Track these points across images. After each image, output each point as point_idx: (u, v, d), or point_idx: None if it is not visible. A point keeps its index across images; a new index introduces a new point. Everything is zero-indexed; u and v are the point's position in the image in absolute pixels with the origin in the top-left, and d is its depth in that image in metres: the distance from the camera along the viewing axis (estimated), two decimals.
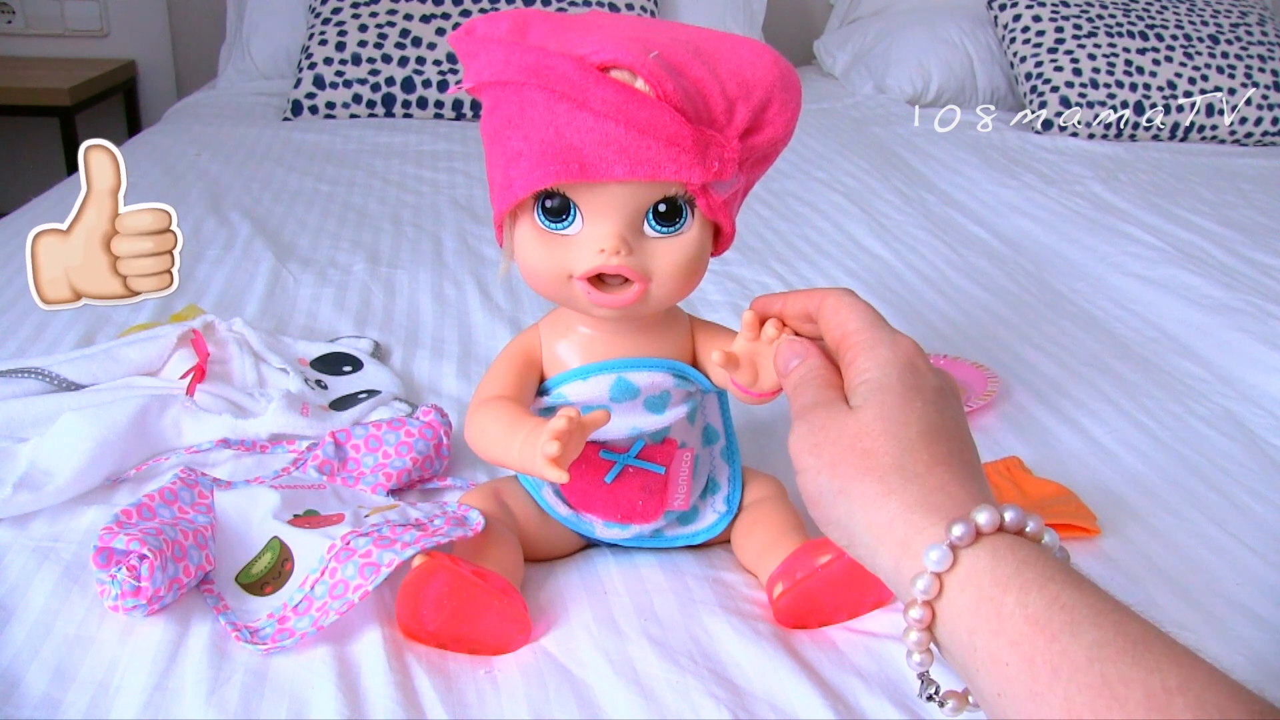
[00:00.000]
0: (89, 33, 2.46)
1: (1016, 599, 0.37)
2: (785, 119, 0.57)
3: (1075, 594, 0.37)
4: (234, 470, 0.73)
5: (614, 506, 0.63)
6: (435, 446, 0.73)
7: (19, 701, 0.52)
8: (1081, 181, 1.66)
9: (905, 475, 0.43)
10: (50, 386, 0.79)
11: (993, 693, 0.37)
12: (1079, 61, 2.00)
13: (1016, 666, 0.36)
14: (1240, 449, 0.84)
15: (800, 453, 0.46)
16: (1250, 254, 1.32)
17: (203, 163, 1.56)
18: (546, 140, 0.53)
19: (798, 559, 0.59)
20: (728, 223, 0.58)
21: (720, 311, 1.06)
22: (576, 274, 0.56)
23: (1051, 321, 1.09)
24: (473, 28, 0.57)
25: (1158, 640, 0.35)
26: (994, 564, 0.39)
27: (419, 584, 0.54)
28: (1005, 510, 0.40)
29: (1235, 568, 0.68)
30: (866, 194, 1.54)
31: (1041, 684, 0.35)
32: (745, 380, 0.58)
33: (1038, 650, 0.36)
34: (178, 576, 0.57)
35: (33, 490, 0.66)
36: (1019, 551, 0.39)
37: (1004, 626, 0.37)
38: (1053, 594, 0.37)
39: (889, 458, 0.43)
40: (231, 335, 0.86)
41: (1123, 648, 0.35)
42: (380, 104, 1.88)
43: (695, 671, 0.55)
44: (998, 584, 0.38)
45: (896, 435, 0.44)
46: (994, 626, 0.37)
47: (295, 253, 1.21)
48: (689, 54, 0.53)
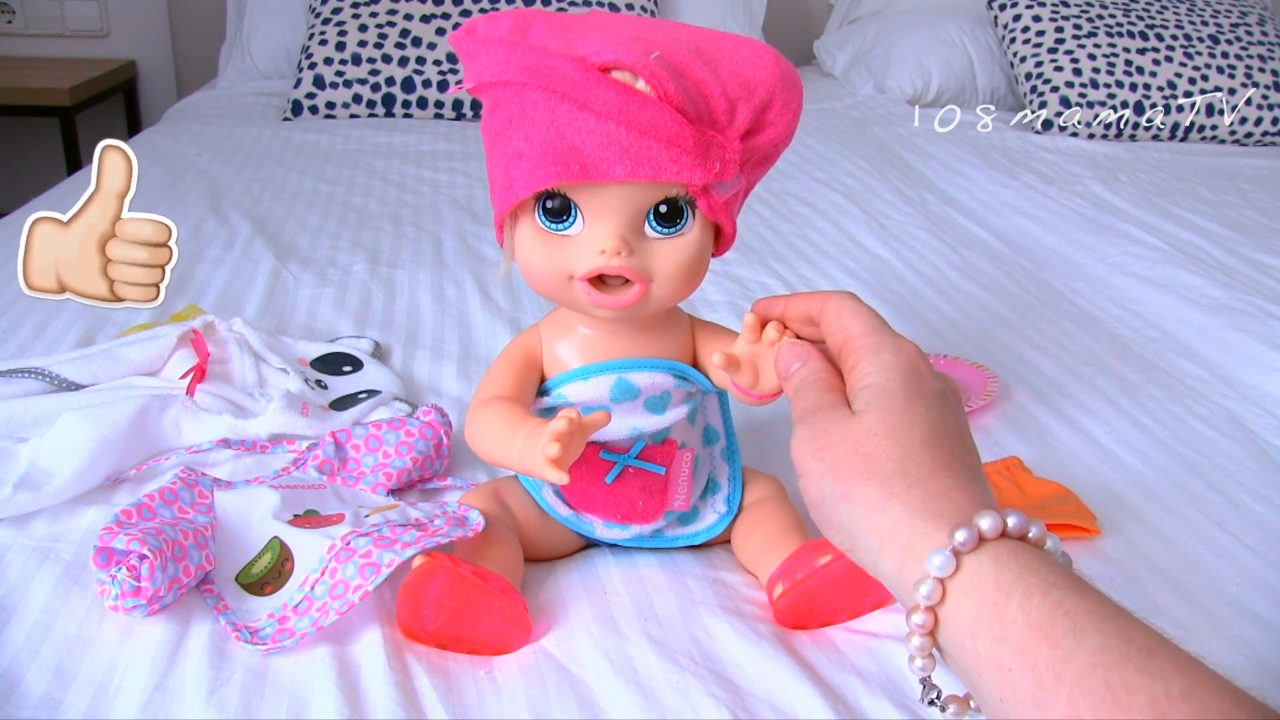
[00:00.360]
0: (89, 33, 2.46)
1: (1019, 604, 0.37)
2: (787, 120, 0.57)
3: (1078, 600, 0.37)
4: (234, 470, 0.73)
5: (614, 507, 0.63)
6: (435, 446, 0.73)
7: (19, 701, 0.52)
8: (1081, 181, 1.66)
9: (908, 480, 0.43)
10: (50, 386, 0.79)
11: (995, 698, 0.37)
12: (1079, 61, 2.00)
13: (1019, 671, 0.36)
14: (1240, 449, 0.84)
15: (802, 456, 0.46)
16: (1250, 254, 1.32)
17: (203, 163, 1.56)
18: (547, 141, 0.53)
19: (798, 559, 0.59)
20: (729, 224, 0.58)
21: (720, 312, 1.06)
22: (577, 275, 0.56)
23: (1051, 321, 1.09)
24: (473, 28, 0.57)
25: (1161, 647, 0.35)
26: (997, 569, 0.39)
27: (419, 584, 0.54)
28: (1008, 516, 0.40)
29: (1235, 568, 0.68)
30: (866, 194, 1.54)
31: (1045, 689, 0.35)
32: (746, 382, 0.58)
33: (1041, 655, 0.36)
34: (178, 576, 0.57)
35: (33, 490, 0.66)
36: (1021, 557, 0.39)
37: (1007, 631, 0.37)
38: (1056, 599, 0.37)
39: (891, 462, 0.43)
40: (231, 335, 0.86)
41: (1126, 654, 0.35)
42: (380, 104, 1.88)
43: (695, 671, 0.55)
44: (1001, 589, 0.38)
45: (899, 440, 0.44)
46: (997, 631, 0.37)
47: (295, 253, 1.21)
48: (690, 54, 0.53)
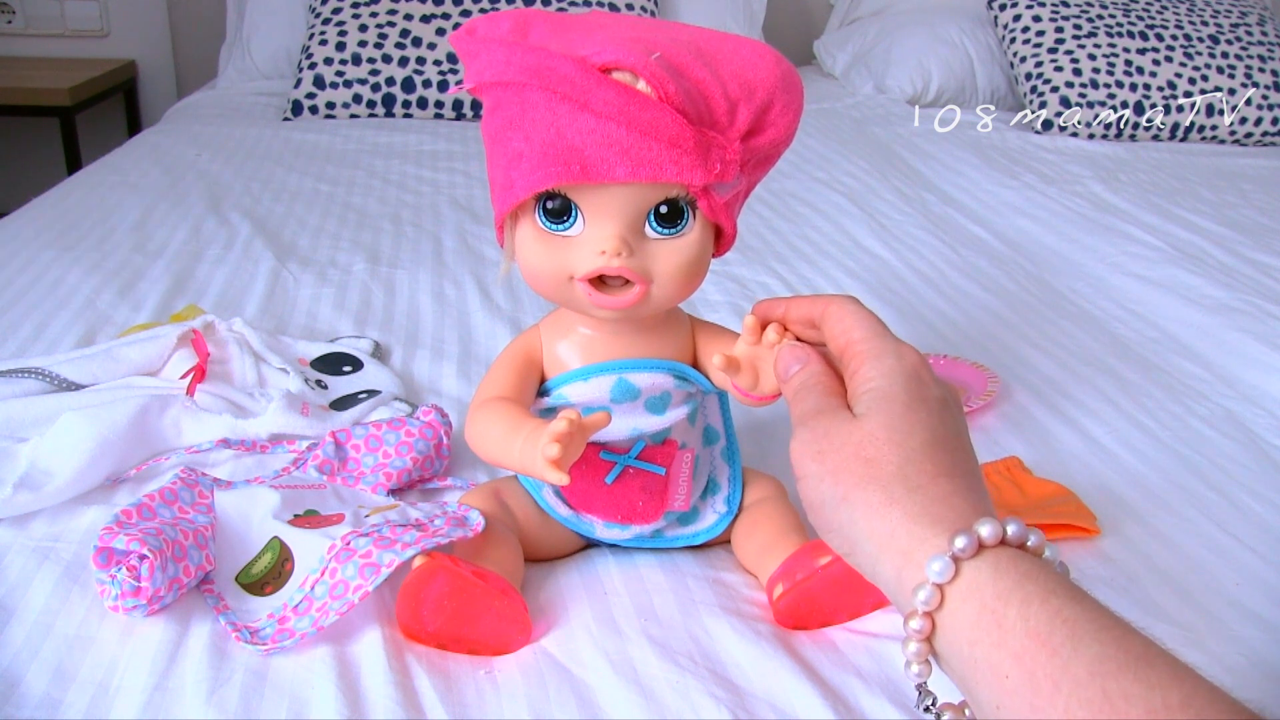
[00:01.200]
0: (89, 33, 2.46)
1: (1018, 612, 0.37)
2: (787, 120, 0.57)
3: (1077, 608, 0.37)
4: (234, 470, 0.73)
5: (614, 507, 0.63)
6: (435, 446, 0.73)
7: (19, 701, 0.52)
8: (1081, 181, 1.66)
9: (908, 485, 0.42)
10: (50, 386, 0.79)
11: (992, 705, 0.37)
12: (1079, 61, 2.00)
13: (1017, 679, 0.36)
14: (1240, 449, 0.84)
15: (802, 459, 0.46)
16: (1250, 254, 1.32)
17: (203, 163, 1.56)
18: (548, 141, 0.53)
19: (798, 560, 0.59)
20: (729, 224, 0.58)
21: (721, 312, 1.06)
22: (577, 275, 0.56)
23: (1051, 321, 1.09)
24: (474, 28, 0.57)
25: (1160, 657, 0.35)
26: (996, 576, 0.39)
27: (419, 584, 0.54)
28: (1008, 524, 0.40)
29: (1235, 568, 0.68)
30: (866, 194, 1.54)
31: (1042, 697, 0.35)
32: (746, 384, 0.58)
33: (1039, 663, 0.36)
34: (178, 576, 0.57)
35: (33, 490, 0.66)
36: (1021, 565, 0.39)
37: (1005, 639, 0.37)
38: (1055, 608, 0.37)
39: (892, 467, 0.43)
40: (231, 335, 0.86)
41: (1124, 663, 0.35)
42: (380, 104, 1.88)
43: (695, 671, 0.55)
44: (999, 596, 0.38)
45: (900, 444, 0.44)
46: (995, 639, 0.37)
47: (295, 253, 1.21)
48: (691, 55, 0.53)
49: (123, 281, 1.08)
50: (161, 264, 1.14)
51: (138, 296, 1.05)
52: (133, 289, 1.07)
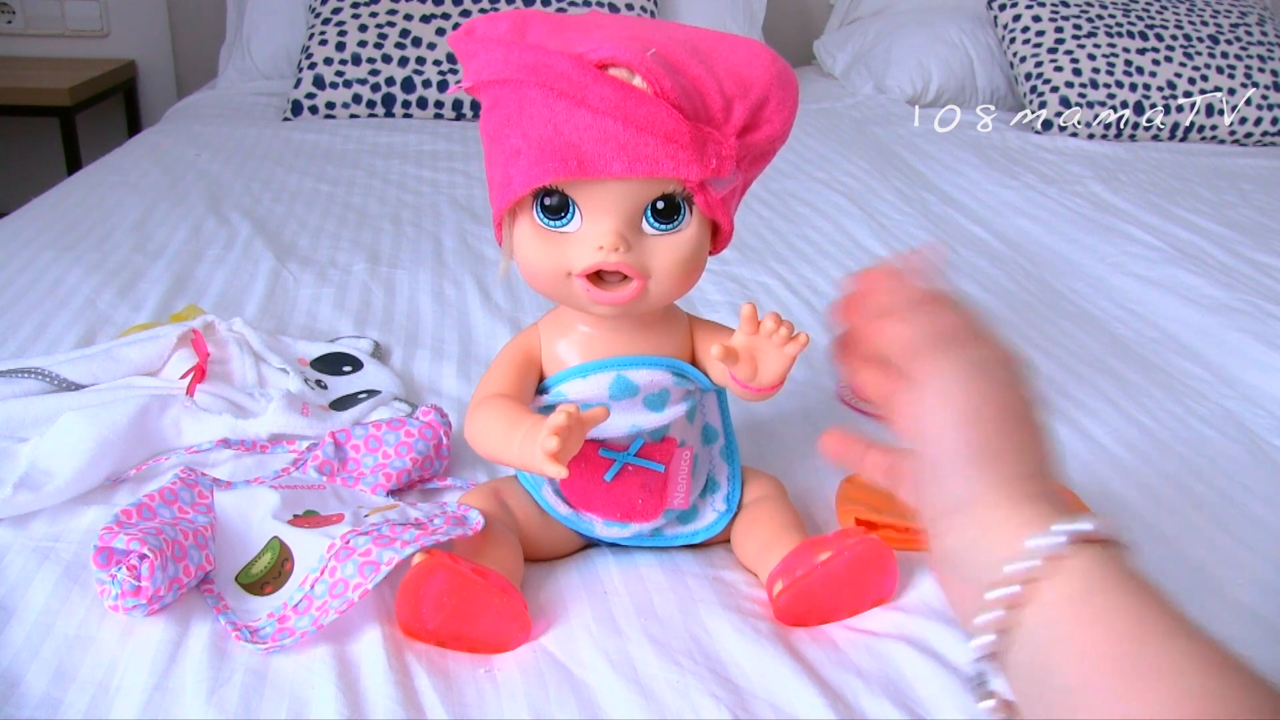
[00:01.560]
0: (89, 33, 2.46)
1: (1113, 600, 0.39)
2: (783, 117, 0.57)
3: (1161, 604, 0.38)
4: (234, 470, 0.73)
5: (614, 505, 0.63)
6: (435, 446, 0.73)
7: (19, 701, 0.52)
8: (1081, 181, 1.66)
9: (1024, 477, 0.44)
10: (50, 386, 0.79)
11: (1067, 685, 0.38)
12: (1079, 61, 2.00)
13: (1105, 663, 0.37)
14: (1240, 449, 0.84)
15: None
16: (1250, 254, 1.32)
17: (203, 163, 1.56)
18: (545, 138, 0.53)
19: (797, 556, 0.59)
20: (726, 220, 0.58)
21: (720, 311, 1.06)
22: (575, 271, 0.56)
23: (1051, 321, 1.09)
24: (472, 28, 0.57)
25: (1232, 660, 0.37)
26: (1089, 563, 0.40)
27: (419, 582, 0.55)
28: (1101, 518, 0.41)
29: (1235, 568, 0.68)
30: (866, 194, 1.54)
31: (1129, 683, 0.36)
32: (744, 375, 0.58)
33: (1127, 651, 0.37)
34: (178, 576, 0.57)
35: (33, 490, 0.66)
36: (1113, 552, 0.40)
37: (1099, 618, 0.38)
38: (1146, 596, 0.39)
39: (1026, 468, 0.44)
40: (231, 335, 0.86)
41: (1221, 662, 0.36)
42: (380, 104, 1.88)
43: (695, 671, 0.55)
44: (1098, 583, 0.39)
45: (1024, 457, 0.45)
46: (1089, 615, 0.38)
47: (295, 253, 1.21)
48: (687, 52, 0.54)
49: (123, 281, 1.08)
50: (161, 264, 1.14)
51: (138, 296, 1.05)
52: (133, 289, 1.07)
